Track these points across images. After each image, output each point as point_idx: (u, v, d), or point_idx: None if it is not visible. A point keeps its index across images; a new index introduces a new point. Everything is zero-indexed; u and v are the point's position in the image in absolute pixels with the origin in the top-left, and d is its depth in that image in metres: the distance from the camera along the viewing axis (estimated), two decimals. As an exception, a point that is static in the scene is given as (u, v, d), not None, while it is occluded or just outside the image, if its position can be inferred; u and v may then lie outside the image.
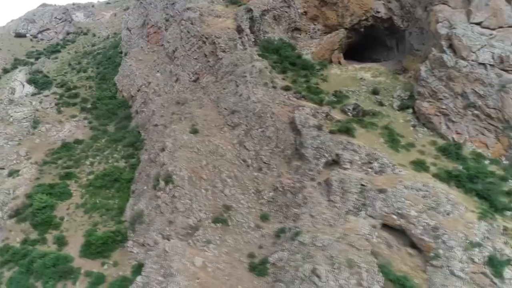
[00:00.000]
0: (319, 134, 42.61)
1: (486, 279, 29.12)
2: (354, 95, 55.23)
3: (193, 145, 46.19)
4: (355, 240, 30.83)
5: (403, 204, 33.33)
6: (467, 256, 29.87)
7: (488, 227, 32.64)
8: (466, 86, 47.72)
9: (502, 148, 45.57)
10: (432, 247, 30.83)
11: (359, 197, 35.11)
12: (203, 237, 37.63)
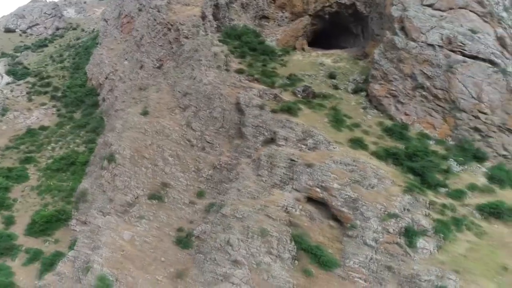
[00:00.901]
0: (261, 114, 42.69)
1: (399, 248, 29.07)
2: (310, 79, 55.26)
3: (141, 126, 46.40)
4: (273, 212, 30.89)
5: (327, 177, 33.32)
6: (382, 227, 29.82)
7: (412, 200, 32.58)
8: (415, 68, 47.60)
9: (448, 128, 45.43)
10: (350, 218, 30.82)
11: (287, 172, 35.14)
12: (137, 213, 37.85)
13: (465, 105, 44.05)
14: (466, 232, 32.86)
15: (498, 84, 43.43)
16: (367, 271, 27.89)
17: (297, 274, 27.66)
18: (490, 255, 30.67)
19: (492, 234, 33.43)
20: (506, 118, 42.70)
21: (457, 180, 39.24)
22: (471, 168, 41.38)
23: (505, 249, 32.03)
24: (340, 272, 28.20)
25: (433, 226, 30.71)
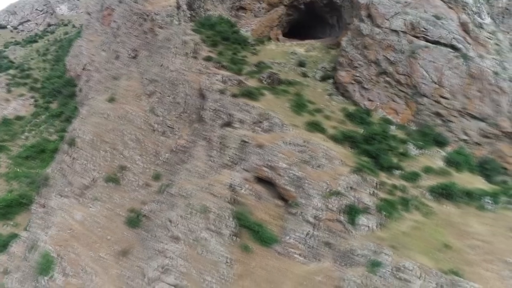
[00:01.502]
0: (221, 98, 42.71)
1: (340, 225, 29.04)
2: (279, 66, 55.30)
3: (104, 112, 46.50)
4: (217, 190, 30.91)
5: (276, 157, 33.31)
6: (324, 204, 29.78)
7: (358, 180, 32.53)
8: (379, 54, 47.60)
9: (410, 114, 45.38)
10: (293, 196, 30.81)
11: (238, 152, 35.17)
12: (92, 195, 37.94)
13: (426, 90, 44.02)
14: (414, 211, 32.84)
15: (458, 69, 43.35)
16: (305, 246, 27.89)
17: (234, 249, 27.67)
18: (434, 234, 30.63)
19: (440, 214, 33.40)
20: (467, 103, 42.63)
21: (414, 163, 39.23)
22: (430, 152, 41.36)
23: (451, 228, 32.01)
24: (278, 248, 28.21)
25: (377, 204, 30.68)
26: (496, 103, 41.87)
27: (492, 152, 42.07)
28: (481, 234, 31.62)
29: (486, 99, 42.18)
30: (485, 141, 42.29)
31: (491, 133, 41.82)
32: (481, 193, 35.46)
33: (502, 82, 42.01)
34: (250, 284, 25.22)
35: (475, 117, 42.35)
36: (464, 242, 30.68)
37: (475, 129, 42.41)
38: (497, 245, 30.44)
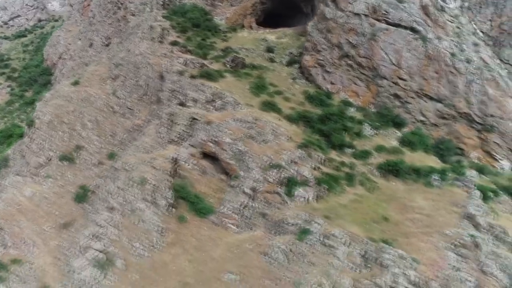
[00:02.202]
0: (179, 79, 42.90)
1: (278, 197, 29.17)
2: (247, 52, 55.39)
3: (67, 95, 46.69)
4: (159, 163, 31.05)
5: (222, 133, 33.46)
6: (263, 177, 29.92)
7: (303, 155, 32.66)
8: (341, 37, 47.69)
9: (371, 96, 45.49)
10: (235, 170, 30.97)
11: (187, 129, 35.38)
12: (45, 173, 38.13)
13: (386, 72, 44.12)
14: (358, 186, 32.98)
15: (417, 51, 43.43)
16: (240, 216, 28.05)
17: (169, 219, 27.85)
18: (374, 207, 30.78)
19: (385, 189, 33.57)
20: (424, 84, 42.72)
21: (367, 142, 39.38)
22: (386, 132, 41.50)
23: (394, 202, 32.18)
24: (213, 218, 28.37)
25: (318, 178, 30.80)
26: (453, 84, 41.95)
27: (449, 133, 42.15)
28: (424, 209, 31.79)
29: (443, 80, 42.27)
30: (442, 122, 42.37)
31: (448, 114, 41.90)
32: (430, 170, 35.62)
33: (459, 63, 42.10)
34: (179, 251, 25.38)
35: (432, 98, 42.45)
36: (404, 216, 30.84)
37: (432, 110, 42.50)
38: (438, 218, 30.61)
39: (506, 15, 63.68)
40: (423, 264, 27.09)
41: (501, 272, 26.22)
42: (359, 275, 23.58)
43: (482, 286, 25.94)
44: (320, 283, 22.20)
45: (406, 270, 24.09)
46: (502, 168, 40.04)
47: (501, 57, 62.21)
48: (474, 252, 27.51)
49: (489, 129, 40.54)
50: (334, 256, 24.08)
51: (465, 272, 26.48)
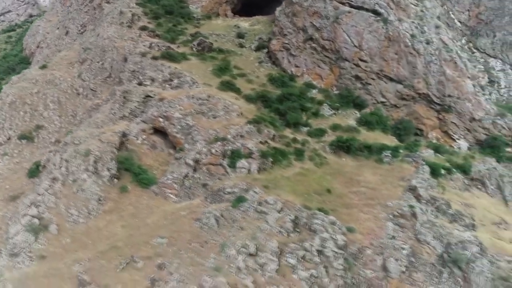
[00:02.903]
0: (141, 60, 43.20)
1: (221, 168, 29.43)
2: (217, 38, 55.68)
3: (33, 77, 47.06)
4: (106, 137, 31.25)
5: (173, 109, 33.73)
6: (207, 149, 30.17)
7: (251, 130, 32.84)
8: (306, 20, 47.99)
9: (334, 78, 45.79)
10: (181, 143, 31.28)
11: (140, 106, 35.69)
12: (2, 151, 38.45)
13: (348, 54, 44.40)
14: (307, 161, 33.20)
15: (377, 32, 43.67)
16: (180, 187, 28.30)
17: (111, 189, 28.09)
18: (319, 180, 31.01)
19: (334, 165, 33.80)
20: (384, 65, 42.95)
21: (324, 121, 39.62)
22: (345, 113, 41.79)
23: (341, 177, 32.41)
24: (155, 188, 28.62)
25: (264, 151, 30.99)
26: (412, 65, 42.19)
27: (409, 114, 42.43)
28: (370, 183, 32.02)
29: (402, 61, 42.50)
30: (402, 103, 42.65)
31: (407, 94, 42.16)
32: (381, 147, 35.84)
33: (418, 44, 42.32)
34: (115, 218, 25.64)
35: (392, 79, 42.69)
36: (349, 189, 31.09)
37: (392, 91, 42.76)
38: (383, 191, 30.83)
39: (484, 5, 64.22)
40: (359, 233, 27.35)
41: (435, 240, 26.43)
42: (287, 239, 23.81)
43: (416, 253, 26.17)
44: (245, 245, 22.42)
45: (335, 235, 24.28)
46: (459, 147, 40.31)
47: (477, 46, 62.82)
48: (411, 221, 27.74)
49: (447, 109, 40.83)
50: (264, 221, 24.29)
51: (401, 241, 26.71)
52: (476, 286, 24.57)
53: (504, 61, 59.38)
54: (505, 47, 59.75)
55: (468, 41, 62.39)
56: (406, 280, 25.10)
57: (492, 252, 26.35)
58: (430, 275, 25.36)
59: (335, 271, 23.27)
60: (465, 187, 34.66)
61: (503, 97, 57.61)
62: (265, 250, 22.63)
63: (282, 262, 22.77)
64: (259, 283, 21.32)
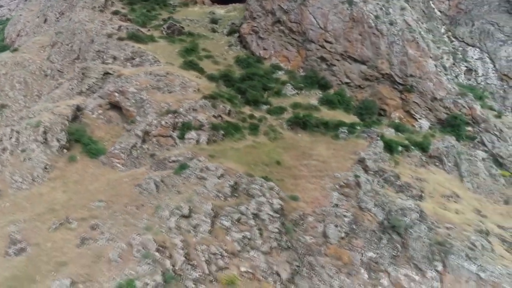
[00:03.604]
0: (107, 41, 43.50)
1: (170, 140, 29.73)
2: (190, 23, 55.95)
3: (3, 60, 47.34)
4: (60, 110, 31.53)
5: (129, 84, 33.98)
6: (158, 121, 30.44)
7: (206, 104, 33.13)
8: (274, 3, 48.23)
9: (300, 60, 46.05)
10: (133, 115, 31.55)
11: (98, 82, 35.98)
12: (-35, 129, 38.70)
13: (314, 36, 44.64)
14: (261, 136, 33.48)
15: (342, 13, 43.90)
16: (127, 156, 28.55)
17: (59, 159, 28.34)
18: (269, 152, 31.27)
19: (289, 140, 34.04)
20: (348, 46, 43.18)
21: (285, 100, 39.86)
22: (309, 93, 42.01)
23: (293, 151, 32.63)
24: (103, 158, 28.85)
25: (216, 124, 31.28)
26: (376, 45, 42.40)
27: (373, 94, 42.65)
28: (322, 156, 32.30)
29: (366, 42, 42.74)
30: (366, 83, 42.87)
31: (371, 75, 42.36)
32: (339, 124, 36.12)
33: (381, 25, 42.55)
34: (58, 185, 25.90)
35: (356, 60, 42.91)
36: (300, 162, 31.37)
37: (356, 72, 42.99)
38: (333, 164, 31.14)
39: (464, -6, 64.39)
40: (303, 201, 27.69)
41: (377, 207, 26.72)
42: (223, 203, 24.06)
43: (358, 220, 26.49)
44: (179, 207, 22.66)
45: (272, 199, 24.55)
46: (421, 126, 40.52)
47: (456, 35, 63.09)
48: (355, 190, 28.06)
49: (409, 89, 41.04)
50: (203, 185, 24.56)
51: (343, 209, 27.03)
52: (413, 250, 24.89)
53: (482, 50, 59.64)
54: (483, 35, 59.99)
55: (447, 30, 62.73)
56: (345, 245, 25.43)
57: (432, 219, 26.68)
58: (370, 241, 25.69)
59: (269, 233, 23.55)
60: (421, 164, 34.92)
61: (480, 85, 58.06)
62: (199, 212, 22.89)
63: (216, 224, 23.04)
64: (189, 243, 21.57)
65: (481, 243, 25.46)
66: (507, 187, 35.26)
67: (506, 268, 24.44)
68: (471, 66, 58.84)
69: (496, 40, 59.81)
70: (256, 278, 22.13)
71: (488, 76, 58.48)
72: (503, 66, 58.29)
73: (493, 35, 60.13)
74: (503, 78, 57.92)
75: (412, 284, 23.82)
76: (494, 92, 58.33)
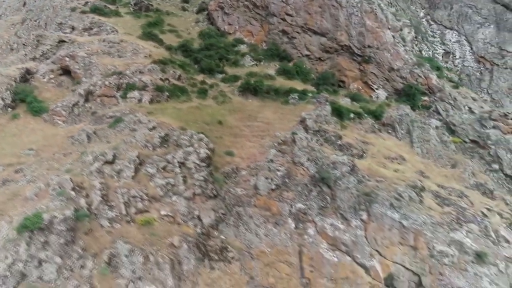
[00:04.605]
0: (70, 14, 44.09)
1: (113, 99, 30.19)
2: (162, 2, 56.57)
3: (-30, 36, 48.00)
4: (8, 72, 32.05)
5: (80, 49, 34.51)
6: (102, 82, 30.87)
7: (154, 68, 33.53)
8: (239, -21, 48.65)
9: (264, 34, 46.41)
10: (79, 77, 32.07)
11: (52, 49, 36.53)
12: None
13: (275, 9, 44.98)
14: (209, 99, 33.89)
15: (303, -14, 44.28)
16: (68, 114, 29.01)
17: (2, 116, 28.82)
18: (213, 113, 31.58)
19: (237, 104, 34.39)
20: (308, 18, 43.47)
21: (242, 70, 40.19)
22: (267, 64, 42.35)
23: (239, 113, 33.04)
24: (45, 116, 29.32)
25: (161, 86, 31.71)
26: (335, 17, 42.66)
27: (332, 66, 42.95)
28: (267, 119, 32.66)
29: (326, 14, 42.99)
30: (326, 56, 43.17)
31: (330, 47, 42.64)
32: (290, 90, 36.43)
33: (341, -4, 42.83)
34: (-4, 137, 26.38)
35: (316, 32, 43.19)
36: (244, 123, 31.73)
37: (316, 44, 43.27)
38: (277, 125, 31.46)
39: (443, -23, 64.48)
40: (239, 157, 28.08)
41: (310, 162, 26.99)
42: (151, 152, 24.44)
43: (291, 174, 26.78)
44: (103, 153, 23.03)
45: (200, 149, 24.90)
46: (377, 96, 40.75)
47: (434, 18, 63.27)
48: (291, 147, 28.35)
49: (367, 60, 41.27)
50: (132, 136, 24.98)
51: (278, 164, 27.33)
52: (340, 201, 25.18)
53: (460, 33, 59.77)
54: (461, 18, 60.12)
55: (426, 13, 62.93)
56: (276, 197, 25.73)
57: (364, 173, 26.92)
58: (301, 194, 25.98)
59: (194, 181, 23.90)
60: (373, 130, 35.13)
61: (457, 67, 58.29)
62: (123, 159, 23.29)
63: (141, 171, 23.40)
64: (110, 186, 21.93)
65: (409, 195, 25.71)
66: (457, 152, 35.45)
67: (430, 218, 24.71)
68: (449, 49, 59.03)
69: (474, 22, 59.91)
70: (176, 222, 22.50)
71: (465, 59, 58.63)
72: (480, 48, 58.44)
73: (471, 18, 60.26)
74: (479, 60, 58.10)
75: (336, 233, 24.12)
76: (470, 74, 58.64)
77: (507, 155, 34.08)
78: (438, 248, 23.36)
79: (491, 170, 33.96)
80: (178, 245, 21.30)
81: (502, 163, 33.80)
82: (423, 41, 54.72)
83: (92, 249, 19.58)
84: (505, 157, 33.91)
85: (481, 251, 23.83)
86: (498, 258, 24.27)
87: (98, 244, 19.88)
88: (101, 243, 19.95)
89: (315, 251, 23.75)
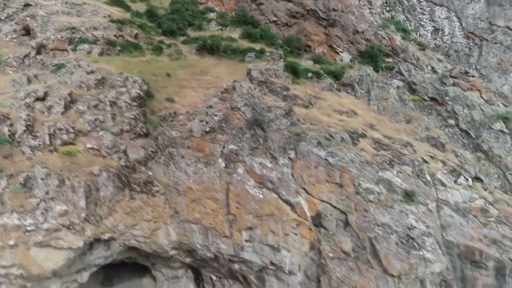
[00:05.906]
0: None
1: (65, 52, 31.07)
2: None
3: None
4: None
5: (41, 11, 35.58)
6: (55, 36, 31.73)
7: (109, 26, 34.32)
8: None
9: (234, 3, 46.72)
10: (36, 32, 33.14)
11: (17, 12, 37.70)
12: None
13: (244, -23, 45.24)
14: (164, 56, 34.35)
15: (271, -48, 44.29)
16: (19, 65, 29.98)
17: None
18: (163, 67, 31.99)
19: (191, 61, 34.75)
20: (274, -16, 43.55)
21: (204, 33, 40.46)
22: (232, 29, 42.55)
23: (190, 68, 33.41)
24: (-1, 67, 30.48)
25: (111, 40, 32.46)
26: (301, -18, 42.58)
27: (299, 31, 42.83)
28: (218, 73, 32.99)
29: (292, -22, 42.96)
30: (293, 21, 43.09)
31: (297, 12, 42.50)
32: (248, 49, 36.61)
33: (307, -39, 42.65)
34: None
35: (283, -3, 43.22)
36: (193, 77, 32.13)
37: (283, 10, 43.21)
38: (225, 78, 31.64)
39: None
40: (180, 104, 28.54)
41: (247, 107, 27.16)
42: (84, 92, 25.13)
43: (229, 119, 27.06)
44: (35, 90, 23.60)
45: (132, 90, 25.40)
46: (342, 59, 40.46)
47: None
48: (231, 94, 28.59)
49: (332, 23, 40.99)
50: (68, 78, 25.71)
51: (217, 109, 27.64)
52: (271, 142, 25.32)
53: (449, 9, 58.93)
54: None
55: None
56: (209, 140, 26.06)
57: (300, 117, 26.94)
58: (235, 136, 26.24)
59: (124, 119, 24.41)
60: (330, 89, 34.95)
61: (446, 43, 57.51)
62: (55, 96, 24.03)
63: (72, 108, 24.13)
64: (37, 119, 22.71)
65: (342, 137, 25.60)
66: (414, 110, 34.99)
67: (359, 157, 24.56)
68: (438, 25, 58.24)
69: (464, -2, 58.96)
70: (101, 155, 23.10)
71: (454, 35, 57.77)
72: (469, 24, 57.44)
73: (461, -7, 59.20)
74: (469, 36, 57.18)
75: (264, 171, 24.29)
76: (459, 50, 57.78)
77: (463, 110, 33.45)
78: (364, 186, 23.24)
79: (447, 126, 33.42)
80: (98, 173, 21.92)
81: (458, 118, 33.21)
82: (402, 12, 53.75)
83: (9, 170, 20.39)
84: (461, 112, 33.30)
85: (410, 190, 23.60)
86: (429, 199, 23.96)
87: (15, 167, 20.67)
88: (18, 166, 20.73)
89: (242, 188, 23.98)
